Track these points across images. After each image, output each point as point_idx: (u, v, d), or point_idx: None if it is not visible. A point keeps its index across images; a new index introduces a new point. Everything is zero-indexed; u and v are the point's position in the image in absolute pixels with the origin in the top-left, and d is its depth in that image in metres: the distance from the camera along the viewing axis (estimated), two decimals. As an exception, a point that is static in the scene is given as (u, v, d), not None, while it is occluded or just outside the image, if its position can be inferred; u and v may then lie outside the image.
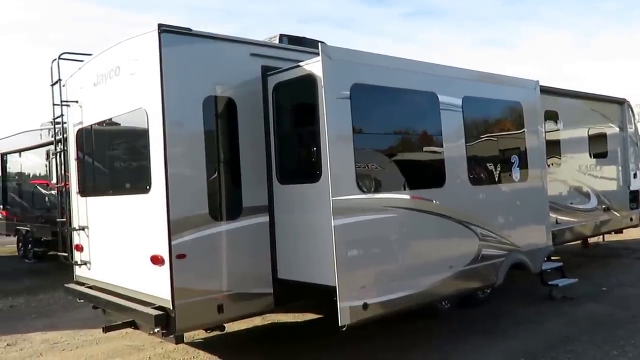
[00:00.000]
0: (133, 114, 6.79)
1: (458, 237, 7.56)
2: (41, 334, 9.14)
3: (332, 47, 6.33)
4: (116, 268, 7.40)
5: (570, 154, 12.10)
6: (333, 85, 6.17)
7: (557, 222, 11.03)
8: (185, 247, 6.22)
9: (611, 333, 7.78)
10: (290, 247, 6.89)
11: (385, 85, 6.95)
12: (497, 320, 8.60)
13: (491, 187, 8.31)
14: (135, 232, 6.90)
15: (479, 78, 8.39)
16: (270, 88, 7.01)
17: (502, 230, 8.21)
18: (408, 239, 6.98)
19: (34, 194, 17.15)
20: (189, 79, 6.43)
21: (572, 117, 12.33)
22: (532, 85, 9.22)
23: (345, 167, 6.23)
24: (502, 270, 8.16)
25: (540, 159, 9.26)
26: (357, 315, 6.12)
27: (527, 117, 8.96)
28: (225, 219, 6.64)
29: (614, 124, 13.81)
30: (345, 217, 6.11)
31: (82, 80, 8.01)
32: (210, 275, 6.46)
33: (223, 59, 6.78)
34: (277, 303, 7.04)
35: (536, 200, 9.04)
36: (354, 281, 6.15)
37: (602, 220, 12.85)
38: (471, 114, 7.99)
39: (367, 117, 6.74)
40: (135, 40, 6.74)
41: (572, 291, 9.88)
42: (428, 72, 7.57)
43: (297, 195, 6.82)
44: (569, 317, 8.70)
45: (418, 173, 7.37)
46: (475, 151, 8.06)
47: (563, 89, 12.16)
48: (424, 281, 7.04)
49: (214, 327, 6.88)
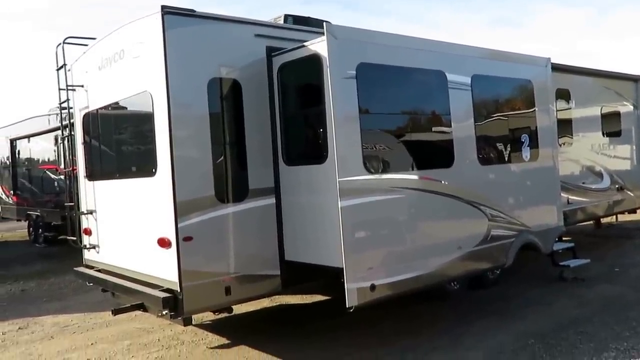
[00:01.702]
0: (138, 97, 6.76)
1: (467, 218, 7.48)
2: (52, 317, 9.20)
3: (337, 26, 6.24)
4: (124, 251, 7.41)
5: (582, 132, 11.93)
6: (339, 64, 6.09)
7: (568, 202, 10.91)
8: (191, 229, 6.20)
9: (623, 314, 7.70)
10: (297, 229, 6.85)
11: (392, 64, 6.85)
12: (507, 302, 8.53)
13: (501, 167, 8.21)
14: (142, 215, 6.89)
15: (488, 56, 8.25)
16: (275, 69, 6.94)
17: (512, 210, 8.12)
18: (416, 220, 6.92)
19: (43, 179, 17.20)
20: (193, 61, 6.38)
21: (585, 95, 12.14)
22: (543, 63, 9.06)
23: (352, 148, 6.17)
24: (512, 251, 8.08)
25: (552, 138, 9.13)
26: (365, 297, 6.09)
27: (538, 96, 8.82)
28: (231, 201, 6.61)
29: (628, 101, 13.60)
30: (352, 198, 6.06)
31: (87, 65, 7.98)
32: (217, 257, 6.45)
33: (227, 40, 6.71)
34: (284, 285, 7.01)
35: (547, 180, 8.93)
36: (362, 262, 6.11)
37: (615, 200, 12.69)
38: (480, 92, 7.87)
39: (373, 96, 6.65)
40: (139, 23, 6.69)
41: (583, 272, 9.77)
42: (436, 50, 7.45)
43: (303, 176, 6.78)
44: (580, 298, 8.61)
45: (426, 153, 7.28)
46: (485, 130, 7.96)
47: (575, 66, 11.95)
48: (432, 262, 6.98)
49: (221, 309, 6.89)
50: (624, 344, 6.61)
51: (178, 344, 7.43)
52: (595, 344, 6.65)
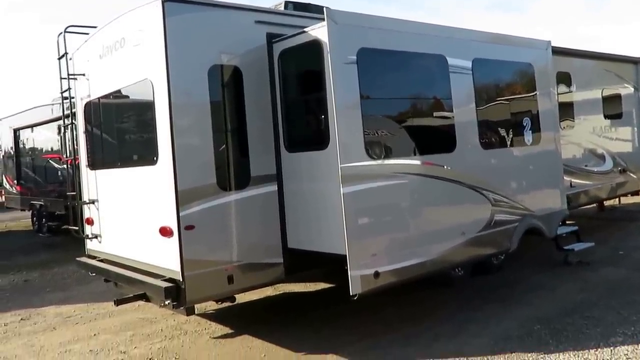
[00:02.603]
0: (139, 85, 6.73)
1: (470, 203, 7.45)
2: (55, 307, 9.20)
3: (337, 11, 6.18)
4: (126, 241, 7.40)
5: (584, 115, 11.87)
6: (339, 50, 6.05)
7: (571, 185, 10.86)
8: (193, 218, 6.18)
9: (629, 298, 7.65)
10: (300, 216, 6.82)
11: (392, 49, 6.81)
12: (512, 287, 8.50)
13: (503, 151, 8.16)
14: (144, 204, 6.87)
15: (489, 39, 8.20)
16: (276, 55, 6.89)
17: (515, 194, 8.09)
18: (419, 206, 6.89)
19: (46, 169, 17.19)
20: (194, 48, 6.34)
21: (585, 78, 12.09)
22: (543, 46, 9.00)
23: (354, 134, 6.14)
24: (515, 235, 8.06)
25: (553, 121, 9.08)
26: (369, 284, 6.07)
27: (539, 79, 8.77)
28: (233, 189, 6.59)
29: (629, 84, 13.53)
30: (355, 185, 6.03)
31: (89, 53, 7.94)
32: (219, 246, 6.43)
33: (228, 27, 6.67)
34: (287, 273, 7.00)
35: (550, 164, 8.90)
36: (365, 249, 6.09)
37: (618, 182, 12.66)
38: (481, 76, 7.82)
39: (374, 82, 6.61)
40: (139, 11, 6.66)
41: (588, 256, 9.73)
42: (436, 34, 7.40)
43: (305, 163, 6.74)
44: (585, 282, 8.56)
45: (428, 138, 7.24)
46: (486, 115, 7.92)
47: (575, 49, 11.87)
48: (436, 248, 6.96)
49: (224, 299, 6.92)
50: (631, 328, 6.57)
51: (181, 334, 7.42)
52: (602, 328, 6.62)
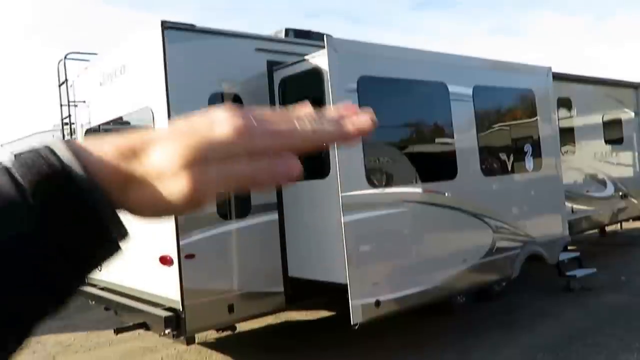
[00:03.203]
0: (139, 113, 6.76)
1: (471, 230, 7.43)
2: (54, 336, 9.10)
3: (337, 40, 6.21)
4: (127, 269, 7.30)
5: (584, 141, 11.86)
6: (340, 78, 6.06)
7: (572, 210, 10.84)
8: (194, 246, 6.16)
9: (632, 324, 7.60)
10: (301, 245, 6.81)
11: (393, 77, 6.84)
12: (514, 314, 8.44)
13: (504, 178, 8.17)
14: (144, 233, 6.79)
15: (489, 66, 8.24)
16: (276, 83, 6.93)
17: (517, 221, 8.07)
18: (420, 234, 6.87)
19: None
20: (194, 76, 6.36)
21: (586, 103, 12.09)
22: (544, 72, 9.03)
23: (354, 162, 6.13)
24: (517, 262, 8.02)
25: (554, 147, 9.09)
26: (370, 313, 6.04)
27: (540, 105, 8.80)
28: (234, 218, 6.58)
29: (629, 108, 13.54)
30: (355, 213, 6.02)
31: (89, 80, 7.99)
32: (220, 274, 6.41)
33: (228, 54, 6.70)
34: (288, 302, 6.97)
35: (551, 190, 8.88)
36: (366, 278, 6.07)
37: (619, 207, 12.61)
38: (482, 103, 7.86)
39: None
40: (140, 38, 6.70)
41: (590, 282, 9.67)
42: (437, 62, 7.44)
43: (306, 191, 6.71)
44: (588, 308, 8.52)
45: (429, 165, 7.25)
46: (487, 141, 7.94)
47: (575, 74, 11.92)
48: (437, 276, 6.92)
49: (225, 327, 6.83)
50: (634, 355, 6.52)
51: (182, 363, 7.35)
52: (606, 355, 6.57)
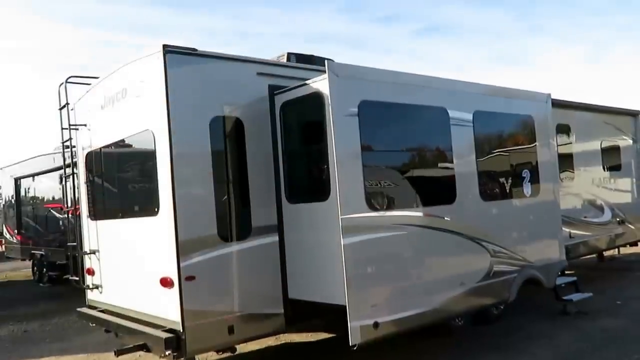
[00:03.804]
0: (140, 136, 6.82)
1: (469, 254, 7.50)
2: (54, 358, 9.11)
3: (338, 64, 6.32)
4: (127, 291, 7.40)
5: (583, 167, 12.01)
6: (340, 102, 6.15)
7: (570, 236, 10.92)
8: (194, 268, 6.21)
9: (626, 348, 7.67)
10: (301, 267, 6.86)
11: (393, 102, 6.94)
12: (511, 337, 8.48)
13: (503, 203, 8.25)
14: (144, 255, 6.90)
15: (489, 92, 8.35)
16: (277, 107, 7.02)
17: (514, 245, 8.13)
18: (418, 257, 6.93)
19: (48, 218, 17.19)
20: (195, 100, 6.44)
21: (585, 130, 12.26)
22: (543, 99, 9.15)
23: (354, 185, 6.21)
24: (514, 286, 8.08)
25: (553, 173, 9.19)
26: (368, 335, 6.08)
27: (539, 131, 8.91)
28: (234, 240, 6.64)
29: (627, 136, 13.72)
30: (355, 236, 6.08)
31: (90, 104, 8.07)
32: (220, 296, 6.45)
33: (229, 78, 6.79)
34: (288, 323, 7.00)
35: (549, 215, 8.96)
36: (364, 300, 6.11)
37: (616, 233, 12.72)
38: (482, 128, 7.95)
39: (375, 134, 6.71)
40: (141, 62, 6.78)
41: (586, 306, 9.73)
42: (437, 87, 7.54)
43: (306, 214, 6.80)
44: (583, 332, 8.58)
45: (428, 190, 7.31)
46: (487, 166, 8.02)
47: (575, 101, 12.09)
48: (435, 299, 6.98)
49: (225, 349, 6.86)
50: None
51: (181, 384, 7.34)
52: (599, 379, 6.60)
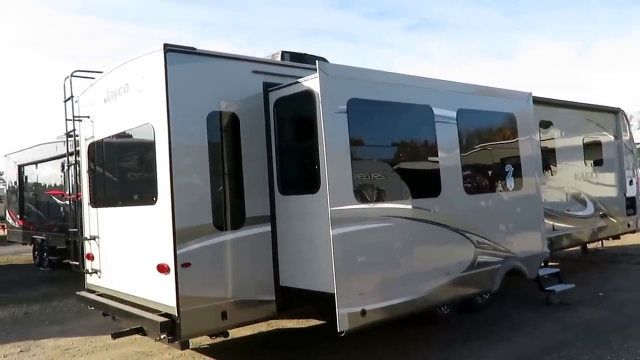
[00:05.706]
0: (141, 129, 7.10)
1: (454, 245, 7.79)
2: (53, 340, 9.42)
3: (329, 64, 6.61)
4: (125, 276, 7.68)
5: (566, 162, 12.29)
6: (330, 100, 6.43)
7: (554, 228, 11.21)
8: (190, 256, 6.49)
9: (605, 338, 7.95)
10: (292, 256, 7.15)
11: (381, 100, 7.21)
12: (495, 326, 8.80)
13: (486, 196, 8.55)
14: (142, 242, 7.18)
15: (472, 91, 8.64)
16: (271, 103, 7.29)
17: (498, 237, 8.43)
18: (405, 247, 7.21)
19: (49, 204, 17.48)
20: (194, 96, 6.71)
21: (567, 126, 12.55)
22: (524, 97, 9.46)
23: (343, 179, 6.49)
24: (498, 276, 8.38)
25: (535, 167, 9.47)
26: (356, 321, 6.35)
27: (521, 128, 9.19)
28: (229, 229, 6.91)
29: (609, 132, 14.00)
30: (344, 227, 6.36)
31: (93, 97, 8.33)
32: (214, 283, 6.72)
33: (226, 76, 7.06)
34: (279, 310, 7.28)
35: (531, 208, 9.26)
36: (352, 288, 6.39)
37: (599, 226, 13.01)
38: (465, 125, 8.24)
39: (364, 130, 6.99)
40: (143, 59, 7.04)
41: (569, 296, 10.05)
42: (423, 86, 7.82)
43: (297, 205, 7.09)
44: (564, 322, 8.88)
45: (414, 183, 7.55)
46: (470, 161, 8.32)
47: (557, 99, 12.39)
48: (421, 288, 7.27)
49: (218, 334, 7.11)
50: (605, 367, 6.86)
51: (176, 367, 7.64)
52: (578, 367, 6.91)
